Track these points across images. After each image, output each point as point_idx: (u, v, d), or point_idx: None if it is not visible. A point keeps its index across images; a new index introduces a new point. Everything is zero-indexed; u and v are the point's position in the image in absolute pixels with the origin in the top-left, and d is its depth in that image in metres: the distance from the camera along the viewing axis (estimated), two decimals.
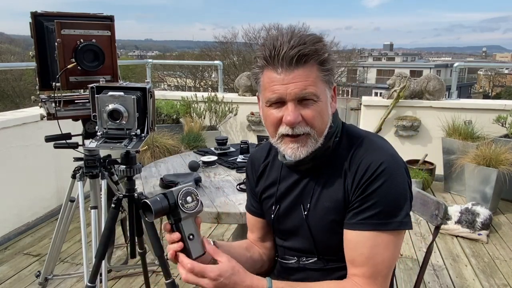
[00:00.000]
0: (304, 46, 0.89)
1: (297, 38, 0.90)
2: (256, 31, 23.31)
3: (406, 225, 0.92)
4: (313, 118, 0.93)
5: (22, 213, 3.05)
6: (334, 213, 0.97)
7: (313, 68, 0.91)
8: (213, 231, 3.04)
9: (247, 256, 1.12)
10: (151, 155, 3.58)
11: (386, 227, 0.91)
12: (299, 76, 0.90)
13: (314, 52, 0.90)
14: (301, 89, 0.90)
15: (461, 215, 2.99)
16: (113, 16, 1.71)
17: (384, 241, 0.91)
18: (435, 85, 4.13)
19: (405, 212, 0.92)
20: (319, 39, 0.92)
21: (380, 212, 0.91)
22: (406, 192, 0.94)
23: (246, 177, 1.23)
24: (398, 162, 0.94)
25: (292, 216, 1.06)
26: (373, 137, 1.01)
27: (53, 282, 2.29)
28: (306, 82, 0.90)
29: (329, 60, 0.93)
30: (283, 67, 0.90)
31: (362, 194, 0.92)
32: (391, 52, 60.18)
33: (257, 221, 1.18)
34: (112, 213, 1.56)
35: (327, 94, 0.95)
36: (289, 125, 0.92)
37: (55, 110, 1.62)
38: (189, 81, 25.86)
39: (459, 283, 2.40)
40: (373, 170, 0.92)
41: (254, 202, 1.18)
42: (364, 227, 0.92)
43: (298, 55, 0.88)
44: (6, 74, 19.16)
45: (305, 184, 1.03)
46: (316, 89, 0.91)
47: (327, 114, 0.96)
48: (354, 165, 0.95)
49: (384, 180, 0.91)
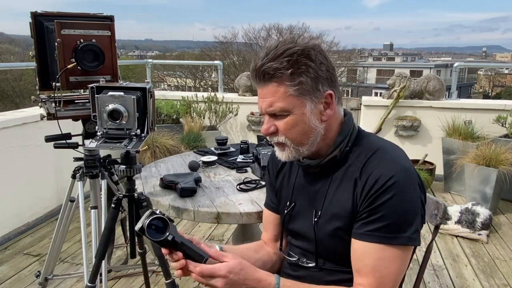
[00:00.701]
0: (271, 64, 0.92)
1: (273, 53, 0.92)
2: (256, 31, 23.36)
3: (414, 241, 0.92)
4: (285, 130, 0.97)
5: (22, 213, 3.05)
6: (341, 220, 0.98)
7: (281, 83, 0.93)
8: (213, 231, 3.04)
9: (256, 258, 1.14)
10: (151, 155, 3.58)
11: (393, 241, 0.90)
12: (269, 92, 0.95)
13: (275, 70, 0.92)
14: (268, 105, 0.96)
15: (461, 215, 2.99)
16: (113, 16, 1.71)
17: (391, 254, 0.91)
18: (435, 85, 4.14)
19: (415, 228, 0.91)
20: (296, 51, 0.91)
21: (388, 225, 0.90)
22: (417, 208, 0.92)
23: (267, 173, 1.25)
24: (411, 176, 0.93)
25: (303, 217, 1.08)
26: (388, 148, 0.99)
27: (53, 282, 2.29)
28: (273, 98, 0.95)
29: (302, 72, 0.92)
30: (257, 83, 0.97)
31: (371, 205, 0.92)
32: (391, 52, 60.16)
33: (274, 217, 1.20)
34: (112, 213, 1.56)
35: (305, 105, 0.95)
36: (264, 134, 1.01)
37: (55, 110, 1.62)
38: (189, 81, 25.87)
39: (459, 283, 2.40)
40: (382, 182, 0.91)
41: (273, 198, 1.20)
42: (371, 238, 0.91)
43: (264, 73, 0.93)
44: (6, 74, 19.16)
45: (318, 188, 1.05)
46: (284, 104, 0.94)
47: (307, 125, 0.96)
48: (365, 175, 0.94)
49: (394, 194, 0.90)
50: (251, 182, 1.75)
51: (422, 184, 0.97)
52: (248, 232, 1.90)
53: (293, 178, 1.13)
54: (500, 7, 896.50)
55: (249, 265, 0.92)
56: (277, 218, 1.20)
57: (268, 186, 1.25)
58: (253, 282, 0.90)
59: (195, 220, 1.52)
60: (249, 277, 0.90)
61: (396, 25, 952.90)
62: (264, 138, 2.21)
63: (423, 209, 0.95)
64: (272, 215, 1.21)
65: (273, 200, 1.21)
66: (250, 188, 1.69)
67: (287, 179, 1.15)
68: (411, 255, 0.97)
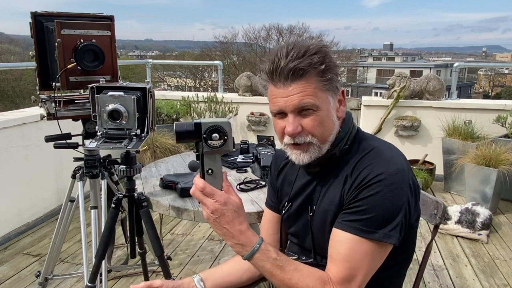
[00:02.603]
0: (300, 61, 0.91)
1: (295, 52, 0.92)
2: (256, 31, 23.34)
3: (389, 238, 0.91)
4: (313, 127, 0.96)
5: (22, 213, 3.05)
6: (332, 216, 0.99)
7: (311, 79, 0.93)
8: (213, 231, 3.03)
9: (241, 272, 1.16)
10: (151, 155, 3.59)
11: (368, 235, 0.90)
12: (297, 89, 0.93)
13: (309, 65, 0.92)
14: (299, 100, 0.94)
15: (461, 215, 2.99)
16: (113, 16, 1.71)
17: (364, 248, 0.91)
18: (435, 85, 4.14)
19: (393, 226, 0.91)
20: (318, 49, 0.93)
21: (367, 219, 0.90)
22: (401, 207, 0.91)
23: (269, 172, 1.26)
24: (403, 177, 0.92)
25: (300, 216, 1.10)
26: (385, 149, 0.99)
27: (53, 282, 2.29)
28: (303, 93, 0.93)
29: (329, 69, 0.94)
30: (281, 82, 0.94)
31: (355, 198, 0.93)
32: (391, 52, 60.19)
33: (273, 216, 1.21)
34: (112, 213, 1.56)
35: (330, 102, 0.97)
36: (289, 135, 0.97)
37: (55, 110, 1.62)
38: (189, 81, 25.87)
39: (459, 283, 2.40)
40: (370, 177, 0.91)
41: (273, 197, 1.22)
42: (348, 229, 0.92)
43: (294, 70, 0.92)
44: (6, 74, 19.17)
45: (314, 187, 1.06)
46: (314, 99, 0.94)
47: (331, 121, 0.98)
48: (356, 172, 0.95)
49: (379, 190, 0.90)
50: (251, 182, 1.75)
51: (416, 187, 0.96)
52: None
53: (293, 178, 1.14)
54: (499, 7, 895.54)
55: (244, 214, 0.93)
56: (276, 217, 1.21)
57: (269, 185, 1.26)
58: (237, 230, 0.90)
59: (195, 220, 1.52)
60: (236, 222, 0.90)
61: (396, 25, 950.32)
62: (264, 138, 2.21)
63: (409, 212, 0.94)
64: (271, 213, 1.22)
65: (273, 199, 1.22)
66: (250, 188, 1.69)
67: (287, 179, 1.16)
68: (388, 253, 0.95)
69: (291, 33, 22.56)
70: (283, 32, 22.78)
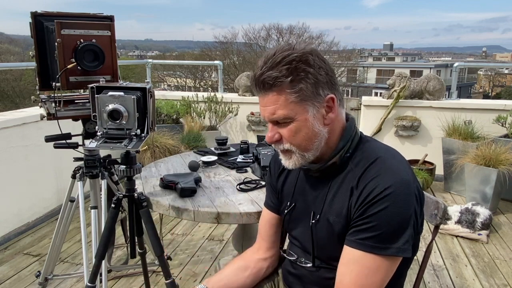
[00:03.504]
0: (270, 73, 0.92)
1: (270, 62, 0.92)
2: (256, 31, 23.35)
3: (404, 252, 0.91)
4: (290, 137, 0.98)
5: (22, 213, 3.05)
6: (336, 227, 0.98)
7: (281, 91, 0.93)
8: (213, 231, 3.04)
9: (244, 276, 1.17)
10: (151, 155, 3.58)
11: (382, 251, 0.90)
12: (270, 101, 0.95)
13: (275, 79, 0.91)
14: (271, 113, 0.96)
15: (461, 215, 2.99)
16: (113, 16, 1.70)
17: (377, 264, 0.91)
18: (435, 85, 4.14)
19: (405, 239, 0.90)
20: (294, 58, 0.91)
21: (379, 235, 0.90)
22: (410, 220, 0.91)
23: (268, 173, 1.26)
24: (409, 188, 0.91)
25: (301, 219, 1.09)
26: (389, 157, 0.97)
27: (53, 282, 2.29)
28: (275, 106, 0.95)
29: (302, 79, 0.92)
30: (258, 91, 0.97)
31: (364, 214, 0.92)
32: (391, 52, 60.18)
33: (272, 216, 1.21)
34: (112, 213, 1.56)
35: (308, 111, 0.95)
36: (268, 142, 1.01)
37: (55, 110, 1.62)
38: (189, 81, 25.87)
39: (459, 283, 2.40)
40: (377, 192, 0.90)
41: (273, 198, 1.22)
42: (360, 246, 0.91)
43: (263, 81, 0.93)
44: (6, 74, 19.17)
45: (318, 192, 1.05)
46: (286, 111, 0.94)
47: (310, 130, 0.96)
48: (362, 184, 0.94)
49: (388, 205, 0.89)
50: (251, 182, 1.75)
51: (421, 195, 0.96)
52: (248, 232, 1.90)
53: (294, 179, 1.14)
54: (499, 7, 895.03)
55: None
56: (275, 218, 1.21)
57: (268, 186, 1.25)
58: None
59: (195, 220, 1.52)
60: None
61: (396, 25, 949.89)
62: (264, 138, 2.21)
63: (417, 222, 0.94)
64: (270, 214, 1.22)
65: (272, 200, 1.22)
66: (250, 188, 1.69)
67: (288, 180, 1.16)
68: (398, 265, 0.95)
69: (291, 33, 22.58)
70: (283, 32, 22.80)
